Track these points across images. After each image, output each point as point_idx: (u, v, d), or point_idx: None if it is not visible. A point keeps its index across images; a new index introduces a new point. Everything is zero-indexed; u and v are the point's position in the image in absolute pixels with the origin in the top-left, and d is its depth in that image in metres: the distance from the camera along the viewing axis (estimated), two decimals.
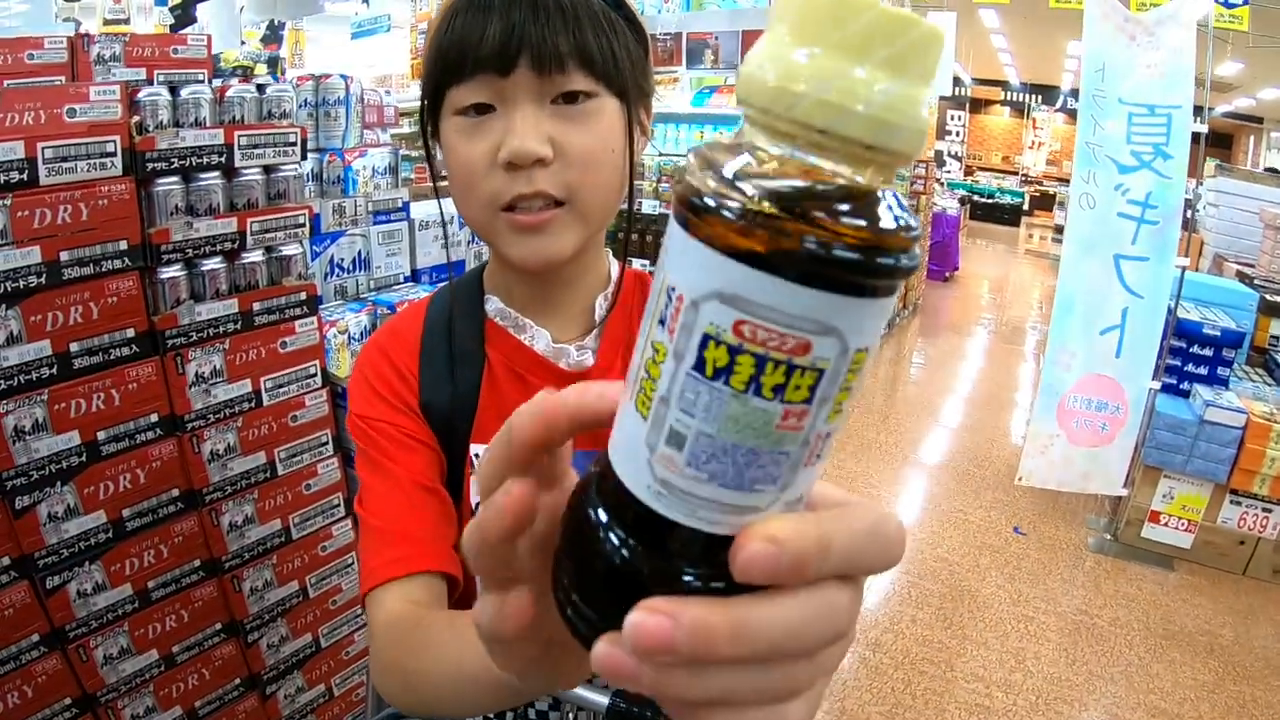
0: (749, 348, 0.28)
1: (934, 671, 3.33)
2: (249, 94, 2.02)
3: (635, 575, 0.34)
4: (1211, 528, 4.29)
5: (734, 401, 0.29)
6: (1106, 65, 3.98)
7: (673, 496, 0.32)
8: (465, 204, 0.88)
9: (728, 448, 0.30)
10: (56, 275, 1.65)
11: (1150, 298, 4.05)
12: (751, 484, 0.31)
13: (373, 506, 0.91)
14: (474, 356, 0.97)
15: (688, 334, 0.29)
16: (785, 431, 0.30)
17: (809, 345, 0.28)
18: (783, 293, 0.27)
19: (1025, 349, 8.71)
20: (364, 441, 0.94)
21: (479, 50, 0.80)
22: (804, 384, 0.29)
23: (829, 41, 0.27)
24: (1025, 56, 19.21)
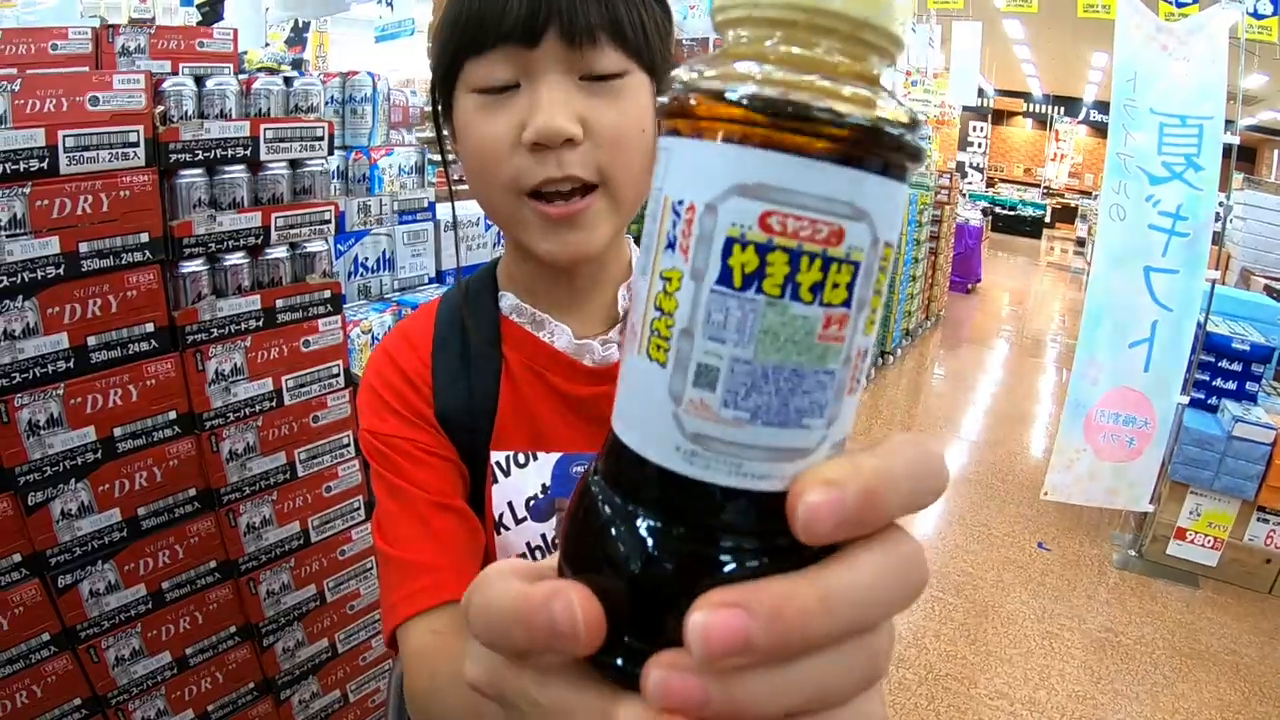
0: (779, 242, 0.26)
1: (957, 688, 3.28)
2: (276, 86, 1.99)
3: (680, 571, 0.29)
4: (1238, 545, 4.24)
5: (770, 311, 0.26)
6: (1138, 75, 3.94)
7: (710, 453, 0.28)
8: (484, 190, 0.81)
9: (768, 372, 0.27)
10: (75, 267, 1.62)
11: (1180, 311, 4.00)
12: (799, 417, 0.28)
13: (390, 535, 0.85)
14: (490, 358, 0.91)
15: (707, 245, 0.27)
16: (828, 343, 0.27)
17: (842, 232, 0.26)
18: (812, 173, 0.26)
19: (1047, 361, 8.65)
20: (377, 460, 0.88)
21: (503, 19, 0.72)
22: (842, 281, 0.27)
23: None
24: (1048, 68, 19.17)
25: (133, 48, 1.97)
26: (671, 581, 0.28)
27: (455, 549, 0.84)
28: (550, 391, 0.90)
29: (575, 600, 0.29)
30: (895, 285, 7.42)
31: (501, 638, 0.31)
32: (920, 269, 8.38)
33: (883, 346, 7.56)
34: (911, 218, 7.45)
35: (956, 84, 10.14)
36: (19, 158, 1.53)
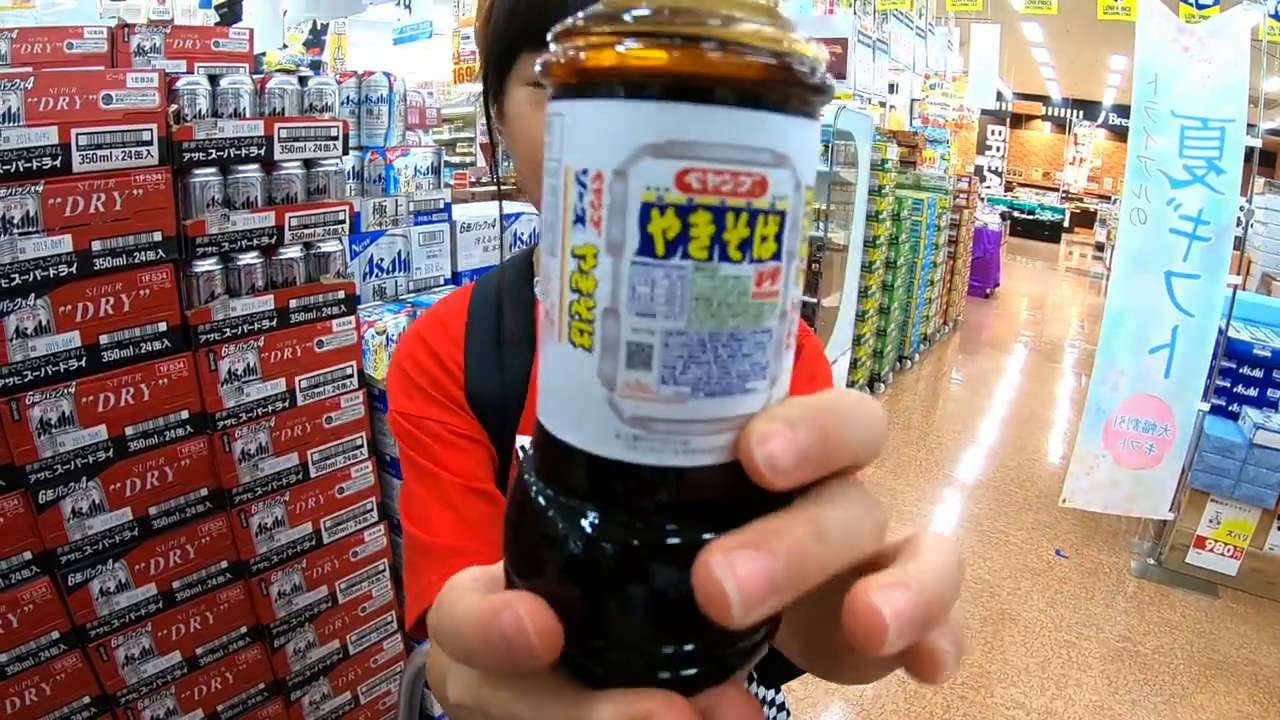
0: (700, 200, 0.24)
1: (973, 697, 3.25)
2: (290, 86, 1.98)
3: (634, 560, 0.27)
4: (1258, 554, 4.19)
5: (699, 276, 0.25)
6: (1159, 77, 3.90)
7: (653, 435, 0.26)
8: (534, 181, 0.80)
9: (705, 340, 0.25)
10: (88, 265, 1.61)
11: (1201, 316, 3.96)
12: (742, 382, 0.26)
13: (418, 518, 0.84)
14: (523, 343, 0.91)
15: (620, 214, 0.24)
16: (763, 301, 0.26)
17: (766, 182, 0.24)
18: (727, 122, 0.24)
19: (1066, 367, 8.59)
20: (406, 442, 0.88)
21: (565, 14, 0.71)
22: (770, 234, 0.25)
23: None
24: (1067, 71, 19.07)
25: (148, 47, 1.97)
26: (621, 575, 0.27)
27: (484, 533, 0.83)
28: None
29: (523, 612, 0.27)
30: (913, 290, 7.40)
31: (468, 655, 0.30)
32: (939, 274, 8.35)
33: (900, 351, 7.53)
34: (930, 222, 7.42)
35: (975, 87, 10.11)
36: (32, 155, 1.53)
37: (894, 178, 6.54)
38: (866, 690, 3.23)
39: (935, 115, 12.03)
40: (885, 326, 6.89)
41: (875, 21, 6.18)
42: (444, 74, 8.42)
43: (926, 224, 7.34)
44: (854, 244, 6.00)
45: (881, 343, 6.89)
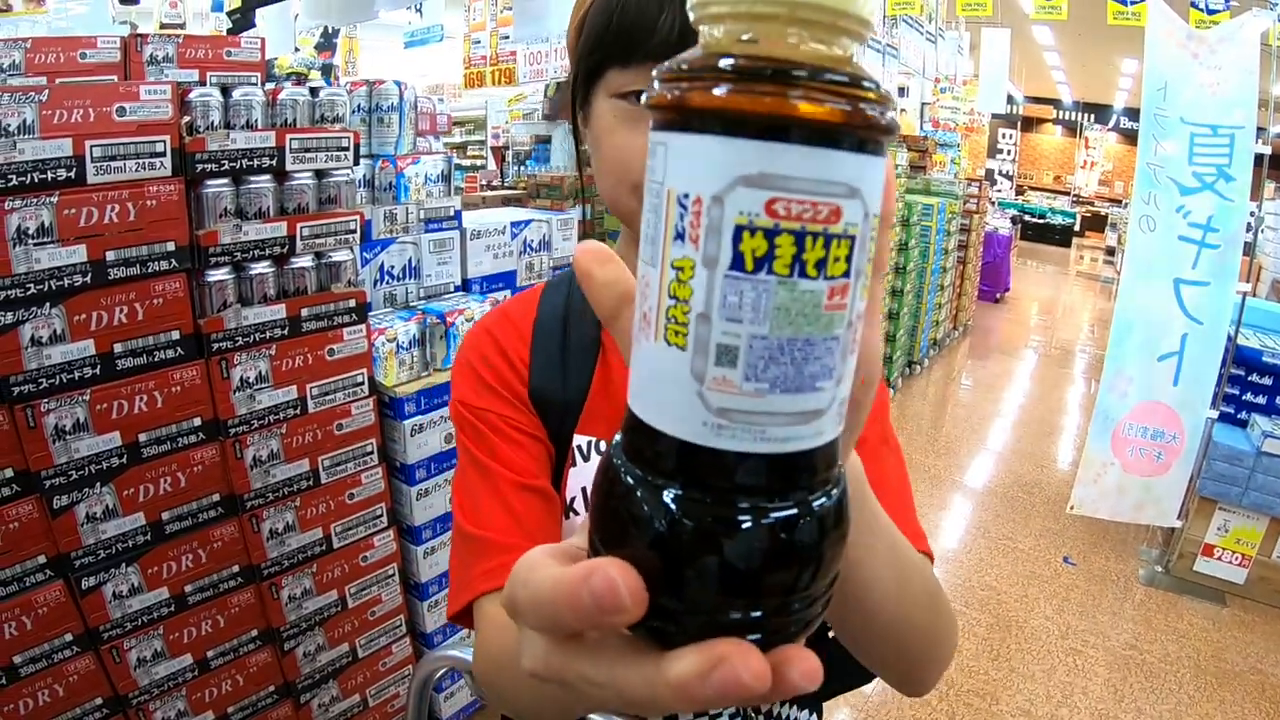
0: (785, 225, 0.28)
1: (979, 704, 3.24)
2: (302, 97, 2.01)
3: (709, 534, 0.31)
4: (1267, 563, 4.17)
5: (781, 289, 0.29)
6: (1168, 84, 3.89)
7: (735, 424, 0.30)
8: (615, 190, 0.82)
9: (784, 345, 0.29)
10: (102, 275, 1.64)
11: (1210, 324, 3.94)
12: (813, 381, 0.30)
13: (470, 510, 0.86)
14: (590, 343, 0.93)
15: (716, 234, 0.28)
16: (834, 312, 0.30)
17: (840, 210, 0.29)
18: (809, 159, 0.28)
19: (1076, 372, 8.56)
20: (466, 432, 0.90)
21: (652, 39, 0.74)
22: (841, 255, 0.29)
23: None
24: (1078, 74, 19.00)
25: (160, 57, 1.99)
26: (701, 545, 0.30)
27: (534, 530, 0.84)
28: None
29: (614, 573, 0.30)
30: (923, 294, 7.39)
31: (549, 621, 0.32)
32: (948, 278, 8.34)
33: (910, 356, 7.53)
34: (940, 226, 7.41)
35: (985, 91, 10.09)
36: (47, 167, 1.56)
37: (903, 183, 6.54)
38: (872, 695, 3.23)
39: (946, 119, 12.02)
40: (894, 332, 6.89)
41: (885, 26, 6.18)
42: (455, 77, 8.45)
43: (936, 229, 7.32)
44: None
45: (891, 348, 6.89)
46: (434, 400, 2.34)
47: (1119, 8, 5.25)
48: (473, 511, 0.86)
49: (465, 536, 0.85)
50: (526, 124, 7.05)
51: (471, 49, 6.93)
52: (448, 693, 2.58)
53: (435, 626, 2.50)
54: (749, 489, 0.31)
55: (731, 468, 0.30)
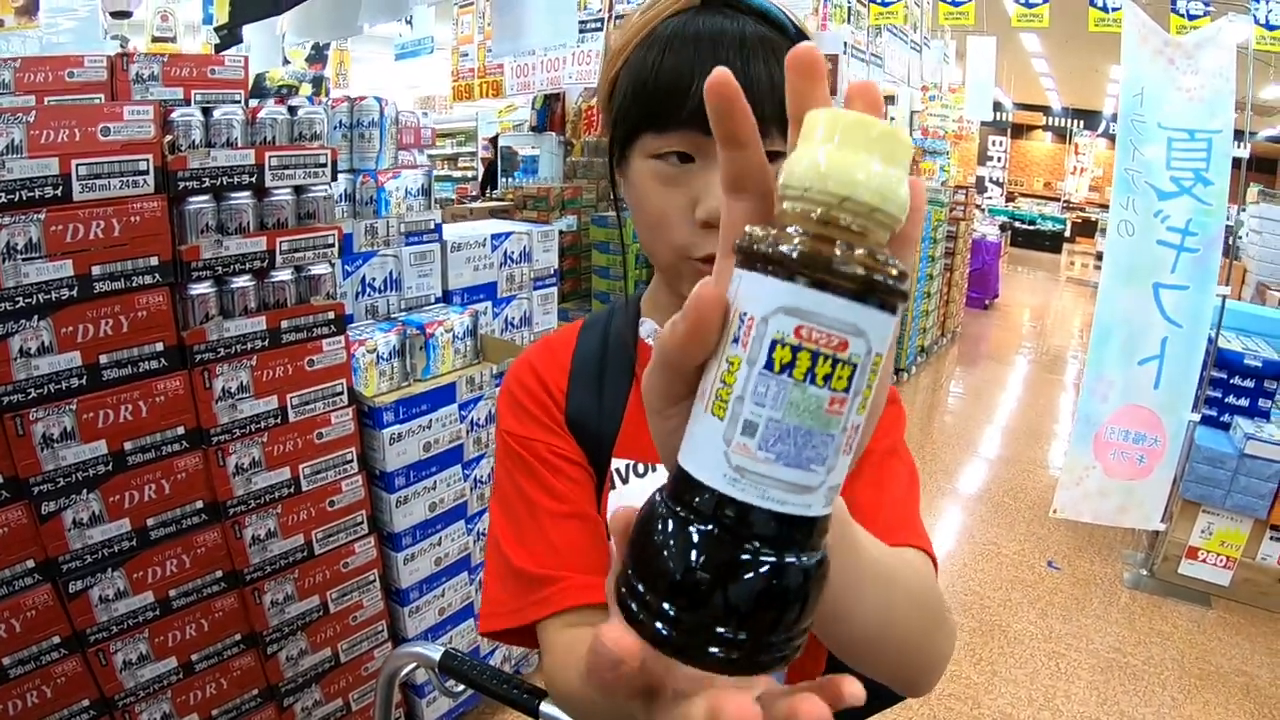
0: (806, 345, 0.38)
1: (961, 709, 3.28)
2: (280, 115, 2.06)
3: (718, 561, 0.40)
4: (1251, 565, 4.19)
5: (795, 389, 0.39)
6: (1145, 90, 3.94)
7: (746, 480, 0.40)
8: (653, 244, 0.87)
9: (790, 430, 0.39)
10: (88, 289, 1.69)
11: (1190, 327, 3.98)
12: (808, 462, 0.40)
13: (514, 539, 0.92)
14: (624, 375, 0.98)
15: (760, 343, 0.39)
16: (832, 415, 0.39)
17: (847, 343, 0.38)
18: (831, 304, 0.38)
19: (1066, 379, 8.58)
20: (512, 460, 0.95)
21: (685, 105, 0.78)
22: (844, 375, 0.39)
23: (847, 144, 0.39)
24: (1067, 81, 19.07)
25: (146, 75, 2.04)
26: (713, 568, 0.40)
27: (573, 559, 0.90)
28: None
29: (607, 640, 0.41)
30: (909, 303, 7.42)
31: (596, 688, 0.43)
32: (935, 285, 8.37)
33: (897, 364, 7.56)
34: (926, 234, 7.46)
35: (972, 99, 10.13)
36: (34, 185, 1.61)
37: None
38: None
39: (935, 127, 12.07)
40: None
41: (868, 36, 6.23)
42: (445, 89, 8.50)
43: (922, 237, 7.37)
44: None
45: None
46: (413, 410, 2.39)
47: (1100, 14, 5.29)
48: (518, 542, 0.91)
49: (510, 567, 0.91)
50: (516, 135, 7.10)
51: (459, 62, 6.98)
52: (430, 698, 2.61)
53: (416, 632, 2.54)
54: (748, 533, 0.40)
55: (738, 512, 0.40)
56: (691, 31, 0.79)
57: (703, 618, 0.40)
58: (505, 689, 1.05)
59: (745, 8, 0.81)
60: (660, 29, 0.82)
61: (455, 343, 2.62)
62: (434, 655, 1.15)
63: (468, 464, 2.63)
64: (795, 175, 0.41)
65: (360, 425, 2.28)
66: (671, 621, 0.41)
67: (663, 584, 0.41)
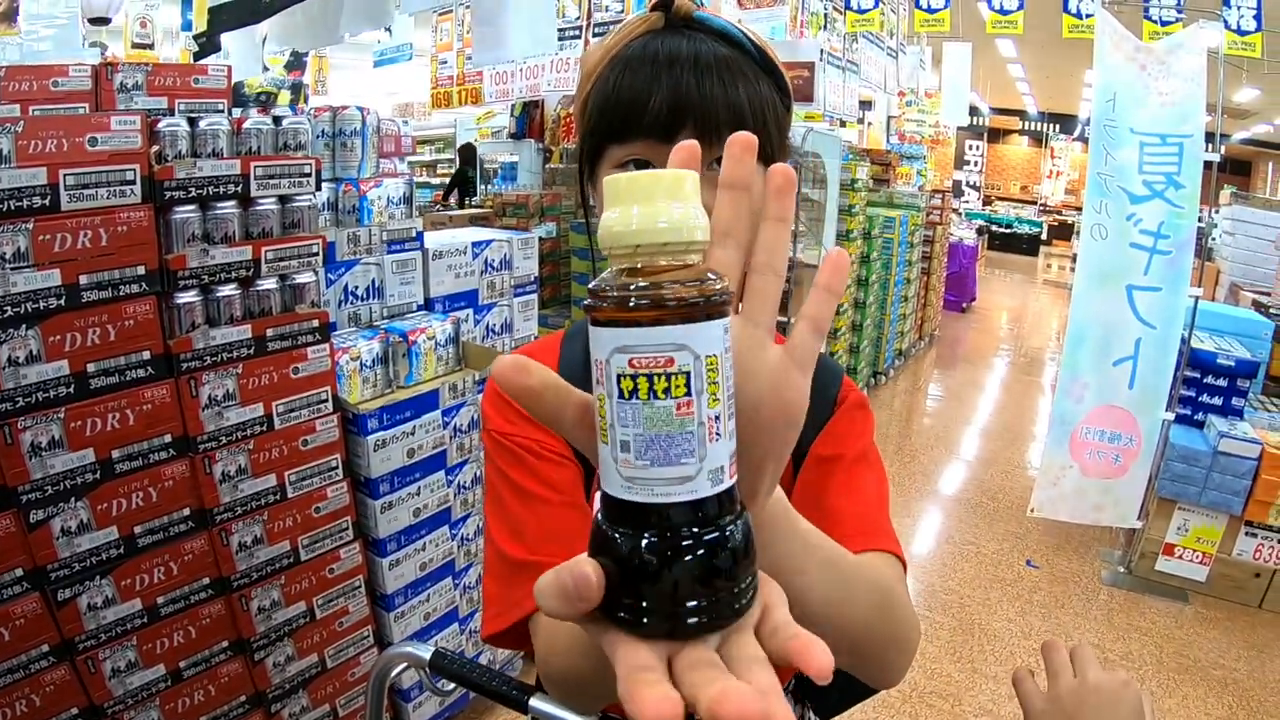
0: (640, 371, 0.45)
1: (942, 705, 3.31)
2: (265, 125, 2.08)
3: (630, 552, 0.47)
4: (1226, 560, 4.26)
5: (645, 407, 0.45)
6: (1118, 95, 4.00)
7: (635, 485, 0.46)
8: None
9: (653, 438, 0.45)
10: (75, 298, 1.71)
11: (1163, 328, 4.04)
12: (678, 459, 0.46)
13: (512, 533, 0.94)
14: None
15: (610, 379, 0.46)
16: (684, 417, 0.45)
17: (673, 359, 0.44)
18: (644, 334, 0.44)
19: (1043, 381, 8.65)
20: (505, 459, 0.97)
21: (644, 115, 0.83)
22: (680, 383, 0.45)
23: (623, 202, 0.47)
24: (1043, 86, 19.25)
25: (130, 84, 2.05)
26: (629, 559, 0.47)
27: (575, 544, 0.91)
28: None
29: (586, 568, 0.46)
30: (886, 305, 7.49)
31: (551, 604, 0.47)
32: (912, 289, 8.44)
33: (875, 366, 7.62)
34: (902, 238, 7.52)
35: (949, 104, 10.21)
36: (22, 195, 1.62)
37: (864, 196, 6.64)
38: None
39: (912, 132, 12.17)
40: (858, 343, 6.97)
41: (845, 43, 6.28)
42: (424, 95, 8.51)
43: (899, 241, 7.43)
44: None
45: (855, 359, 6.97)
46: (397, 416, 2.41)
47: (1074, 21, 5.37)
48: (514, 536, 0.94)
49: (508, 561, 0.93)
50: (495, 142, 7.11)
51: (438, 69, 6.99)
52: (416, 702, 2.63)
53: (401, 636, 2.56)
54: (649, 525, 0.47)
55: (637, 512, 0.47)
56: (651, 52, 0.85)
57: (663, 603, 0.46)
58: (495, 685, 1.07)
59: (704, 28, 0.87)
60: (623, 51, 0.87)
61: (437, 350, 2.64)
62: (424, 655, 1.17)
63: (451, 470, 2.65)
64: (600, 240, 0.48)
65: (345, 432, 2.30)
66: (645, 612, 0.47)
67: (621, 587, 0.47)
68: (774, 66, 0.90)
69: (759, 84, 0.87)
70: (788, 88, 0.93)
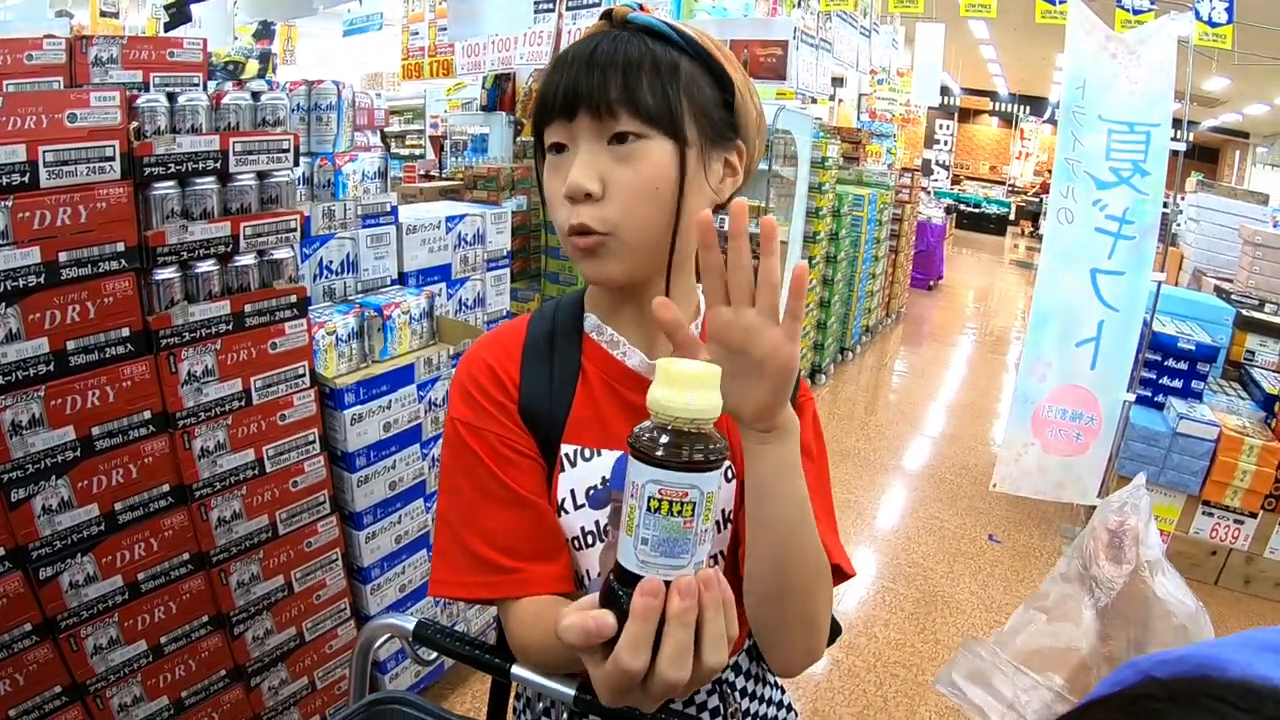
0: (665, 498, 0.65)
1: (905, 675, 3.39)
2: (244, 101, 2.07)
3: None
4: (1184, 538, 4.37)
5: (664, 520, 0.65)
6: (1087, 82, 4.05)
7: (647, 566, 0.66)
8: (554, 225, 0.99)
9: (664, 539, 0.66)
10: (55, 275, 1.70)
11: (1126, 311, 4.11)
12: (678, 554, 0.66)
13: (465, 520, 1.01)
14: (572, 366, 1.05)
15: (642, 497, 0.65)
16: (687, 529, 0.66)
17: (687, 494, 0.65)
18: (673, 476, 0.65)
19: (1008, 359, 8.78)
20: (460, 446, 1.02)
21: (554, 101, 0.93)
22: (689, 509, 0.65)
23: (674, 386, 0.66)
24: (1014, 68, 19.38)
25: (105, 58, 2.03)
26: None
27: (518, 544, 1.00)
28: (620, 401, 1.04)
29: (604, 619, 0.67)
30: (854, 282, 7.56)
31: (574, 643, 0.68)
32: (880, 267, 8.51)
33: (842, 343, 7.70)
34: (871, 216, 7.58)
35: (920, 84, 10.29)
36: (1, 172, 1.61)
37: (835, 174, 6.68)
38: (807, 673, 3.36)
39: (883, 110, 12.22)
40: (826, 319, 7.03)
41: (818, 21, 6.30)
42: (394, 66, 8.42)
43: (868, 219, 7.49)
44: (794, 239, 6.12)
45: (823, 335, 7.04)
46: (373, 391, 2.42)
47: (1047, 6, 5.41)
48: (470, 526, 1.00)
49: (466, 548, 1.00)
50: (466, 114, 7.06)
51: (409, 40, 6.93)
52: (392, 674, 2.66)
53: (378, 609, 2.58)
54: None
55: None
56: (586, 53, 0.93)
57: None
58: (478, 654, 1.11)
59: (633, 27, 0.96)
60: (567, 53, 0.95)
61: (412, 324, 2.65)
62: (408, 625, 1.20)
63: (426, 443, 2.66)
64: (651, 404, 0.68)
65: (321, 407, 2.31)
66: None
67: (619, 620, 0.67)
68: (704, 52, 0.97)
69: (668, 68, 0.94)
70: (722, 70, 0.99)
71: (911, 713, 3.18)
